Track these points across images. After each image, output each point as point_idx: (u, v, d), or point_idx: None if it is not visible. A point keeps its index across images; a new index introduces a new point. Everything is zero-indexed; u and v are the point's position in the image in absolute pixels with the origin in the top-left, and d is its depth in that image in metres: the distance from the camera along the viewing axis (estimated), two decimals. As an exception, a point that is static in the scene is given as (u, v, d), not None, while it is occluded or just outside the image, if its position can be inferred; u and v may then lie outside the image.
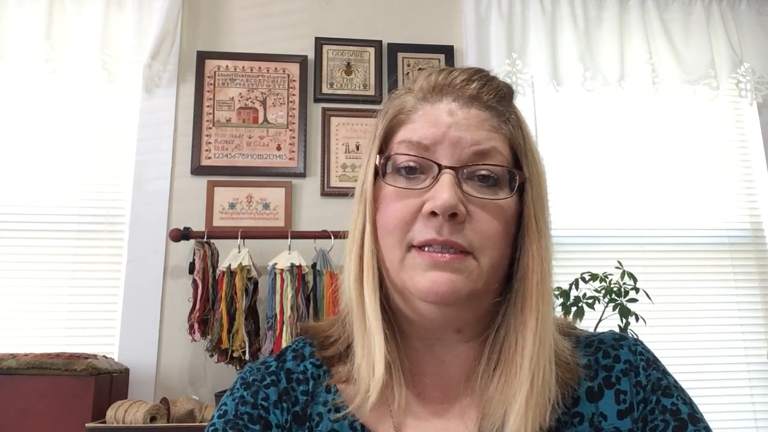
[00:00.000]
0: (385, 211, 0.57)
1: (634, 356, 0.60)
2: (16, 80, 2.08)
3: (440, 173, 0.55)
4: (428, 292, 0.53)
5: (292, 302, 1.73)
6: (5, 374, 1.58)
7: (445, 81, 0.59)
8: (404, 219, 0.55)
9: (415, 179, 0.56)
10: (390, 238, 0.56)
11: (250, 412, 0.58)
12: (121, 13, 2.11)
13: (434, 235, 0.54)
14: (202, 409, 1.67)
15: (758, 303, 2.25)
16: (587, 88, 2.26)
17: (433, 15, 2.35)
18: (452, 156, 0.55)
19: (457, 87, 0.58)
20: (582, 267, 1.89)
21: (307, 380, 0.61)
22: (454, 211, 0.53)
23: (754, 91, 2.33)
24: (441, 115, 0.57)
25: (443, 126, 0.56)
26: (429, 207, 0.54)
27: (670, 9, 2.38)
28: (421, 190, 0.55)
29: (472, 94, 0.58)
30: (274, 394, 0.60)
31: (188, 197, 2.05)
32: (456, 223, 0.54)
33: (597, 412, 0.57)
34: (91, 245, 2.01)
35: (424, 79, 0.60)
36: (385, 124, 0.60)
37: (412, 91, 0.61)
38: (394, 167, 0.58)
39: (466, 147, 0.56)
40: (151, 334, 1.93)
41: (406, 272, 0.55)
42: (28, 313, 1.94)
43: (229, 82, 2.16)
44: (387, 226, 0.57)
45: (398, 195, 0.56)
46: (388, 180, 0.58)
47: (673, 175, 2.33)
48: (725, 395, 2.15)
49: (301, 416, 0.59)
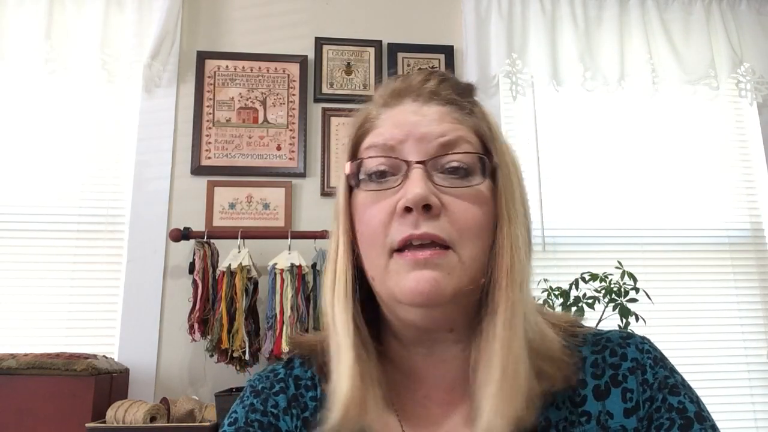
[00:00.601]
0: (362, 219, 0.57)
1: (641, 354, 0.59)
2: (16, 80, 2.08)
3: (409, 169, 0.55)
4: (413, 293, 0.52)
5: (292, 302, 1.73)
6: (5, 374, 1.58)
7: (403, 84, 0.60)
8: (382, 221, 0.55)
9: (386, 182, 0.56)
10: (373, 248, 0.56)
11: (260, 419, 0.59)
12: (121, 13, 2.11)
13: (411, 230, 0.53)
14: (202, 409, 1.67)
15: (758, 303, 2.25)
16: (587, 88, 2.26)
17: (433, 15, 2.35)
18: (419, 151, 0.56)
19: (416, 87, 0.59)
20: (582, 267, 1.89)
21: (315, 386, 0.62)
22: (426, 203, 0.53)
23: (754, 91, 2.33)
24: (404, 115, 0.58)
25: (407, 125, 0.57)
26: (402, 203, 0.54)
27: (670, 9, 2.38)
28: (394, 189, 0.55)
29: (432, 91, 0.59)
30: (284, 401, 0.60)
31: (188, 197, 2.06)
32: (431, 216, 0.53)
33: (604, 411, 0.57)
34: (91, 245, 2.01)
35: (383, 87, 0.62)
36: (352, 135, 0.61)
37: (374, 101, 0.62)
38: (365, 174, 0.58)
39: (432, 140, 0.56)
40: (151, 334, 1.93)
41: (390, 278, 0.55)
42: (28, 313, 1.94)
43: (229, 82, 2.16)
44: (368, 235, 0.56)
45: (372, 199, 0.56)
46: (361, 188, 0.58)
47: (673, 175, 2.33)
48: (725, 395, 2.15)
49: (311, 422, 0.60)
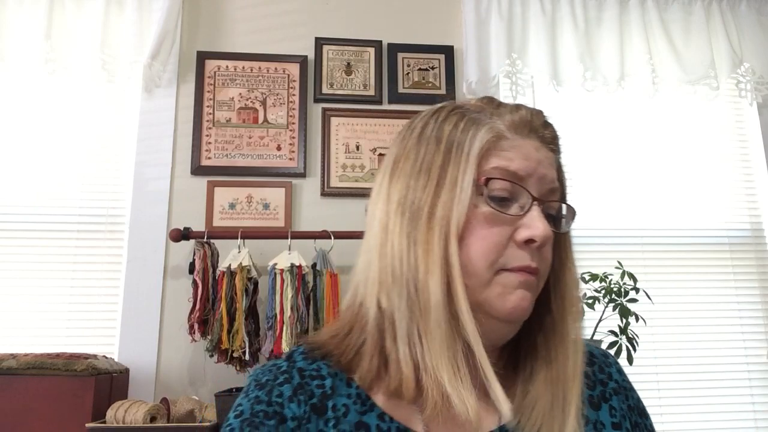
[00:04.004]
0: (478, 234, 0.59)
1: (621, 376, 0.69)
2: (16, 80, 2.08)
3: (533, 204, 0.59)
4: (515, 308, 0.58)
5: (292, 302, 1.73)
6: (5, 374, 1.58)
7: (530, 119, 0.63)
8: (499, 243, 0.59)
9: (507, 207, 0.60)
10: (483, 261, 0.58)
11: (265, 409, 0.59)
12: (121, 13, 2.11)
13: (529, 263, 0.58)
14: (202, 409, 1.67)
15: (758, 303, 2.25)
16: (587, 89, 2.26)
17: (433, 15, 2.35)
18: (538, 189, 0.60)
19: (539, 128, 0.63)
20: (582, 267, 1.87)
21: (323, 377, 0.62)
22: (547, 242, 0.59)
23: (754, 91, 2.33)
24: (531, 151, 0.61)
25: (534, 161, 0.61)
26: (527, 235, 0.58)
27: (670, 9, 2.38)
28: (513, 217, 0.59)
29: (549, 137, 0.64)
30: (289, 390, 0.60)
31: (188, 197, 2.05)
32: (538, 251, 0.59)
33: (598, 420, 0.64)
34: (91, 245, 2.01)
35: (509, 113, 0.63)
36: (480, 144, 0.60)
37: (501, 120, 0.62)
38: (488, 191, 0.59)
39: (547, 183, 0.61)
40: (151, 334, 1.93)
41: (492, 290, 0.58)
42: (28, 313, 1.94)
43: (229, 82, 2.16)
44: (481, 248, 0.58)
45: (490, 219, 0.59)
46: (482, 202, 0.59)
47: (673, 175, 2.33)
48: (725, 395, 2.15)
49: (319, 407, 0.60)
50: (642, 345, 1.86)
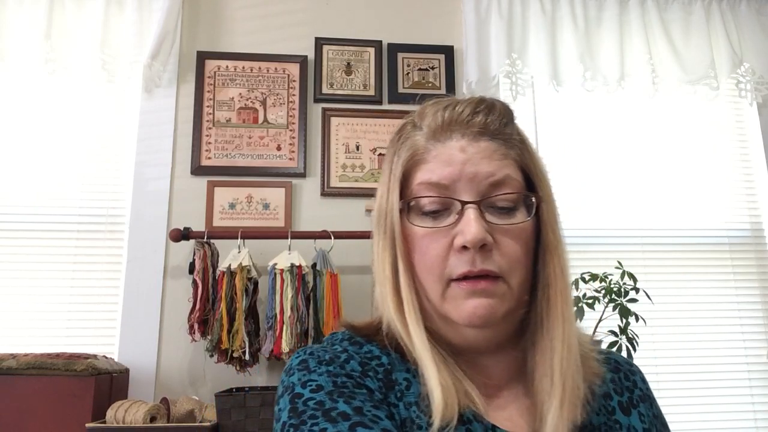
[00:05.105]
0: (420, 251, 0.61)
1: (645, 386, 0.70)
2: (16, 80, 2.08)
3: (464, 209, 0.59)
4: (471, 317, 0.58)
5: (292, 302, 1.73)
6: (5, 374, 1.58)
7: (452, 117, 0.62)
8: (439, 255, 0.59)
9: (439, 218, 0.61)
10: (430, 275, 0.60)
11: (347, 381, 0.58)
12: (121, 13, 2.11)
13: (469, 268, 0.58)
14: (202, 409, 1.67)
15: (758, 303, 2.25)
16: (587, 89, 2.26)
17: (433, 15, 2.35)
18: (471, 190, 0.59)
19: (464, 122, 0.62)
20: (582, 267, 1.89)
21: (378, 356, 0.63)
22: (483, 243, 0.58)
23: (754, 91, 2.34)
24: (453, 153, 0.61)
25: (458, 164, 0.60)
26: (460, 242, 0.58)
27: (670, 9, 2.38)
28: (449, 227, 0.60)
29: (481, 126, 0.61)
30: (357, 365, 0.61)
31: (188, 197, 2.06)
32: (485, 252, 0.58)
33: (630, 425, 0.64)
34: (91, 245, 2.01)
35: (431, 116, 0.63)
36: (402, 167, 0.63)
37: (421, 129, 0.64)
38: (419, 210, 0.61)
39: (483, 180, 0.60)
40: (151, 334, 1.93)
41: (448, 303, 0.59)
42: (28, 313, 1.94)
43: (229, 82, 2.16)
44: (425, 264, 0.61)
45: (428, 235, 0.60)
46: (414, 221, 0.61)
47: (673, 175, 2.33)
48: (725, 395, 2.15)
49: (386, 382, 0.60)
50: (642, 345, 1.86)
